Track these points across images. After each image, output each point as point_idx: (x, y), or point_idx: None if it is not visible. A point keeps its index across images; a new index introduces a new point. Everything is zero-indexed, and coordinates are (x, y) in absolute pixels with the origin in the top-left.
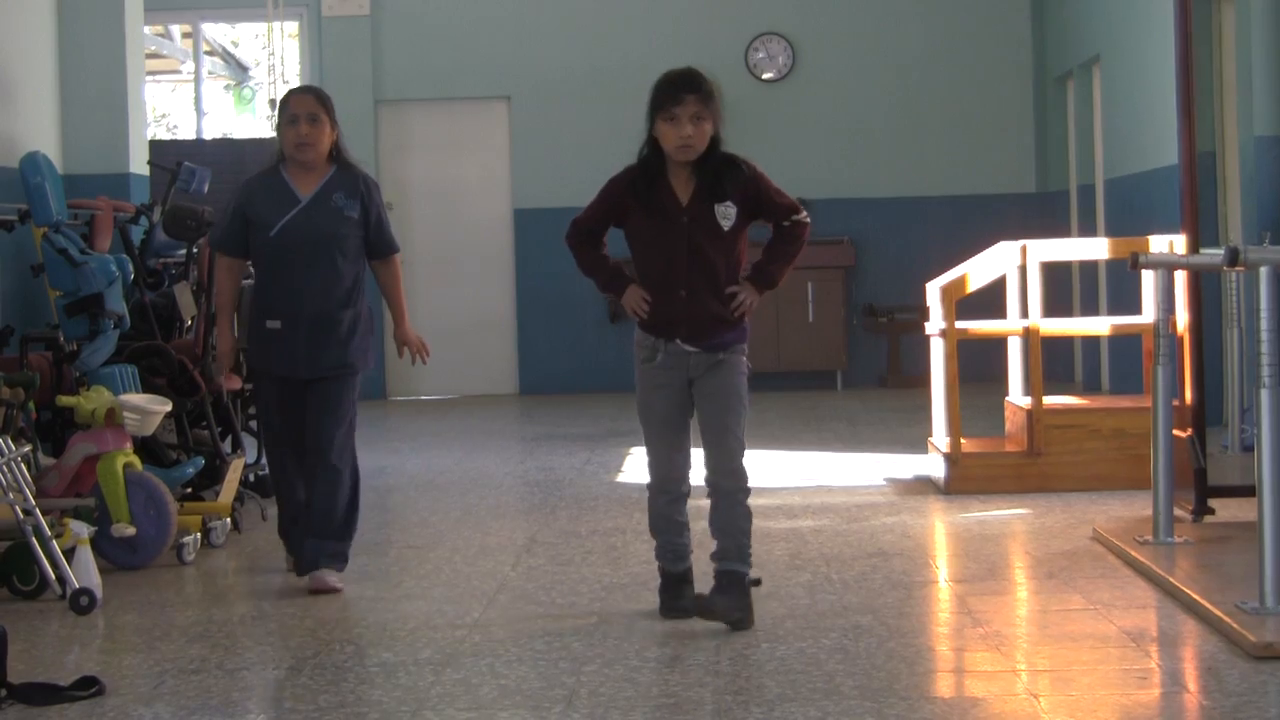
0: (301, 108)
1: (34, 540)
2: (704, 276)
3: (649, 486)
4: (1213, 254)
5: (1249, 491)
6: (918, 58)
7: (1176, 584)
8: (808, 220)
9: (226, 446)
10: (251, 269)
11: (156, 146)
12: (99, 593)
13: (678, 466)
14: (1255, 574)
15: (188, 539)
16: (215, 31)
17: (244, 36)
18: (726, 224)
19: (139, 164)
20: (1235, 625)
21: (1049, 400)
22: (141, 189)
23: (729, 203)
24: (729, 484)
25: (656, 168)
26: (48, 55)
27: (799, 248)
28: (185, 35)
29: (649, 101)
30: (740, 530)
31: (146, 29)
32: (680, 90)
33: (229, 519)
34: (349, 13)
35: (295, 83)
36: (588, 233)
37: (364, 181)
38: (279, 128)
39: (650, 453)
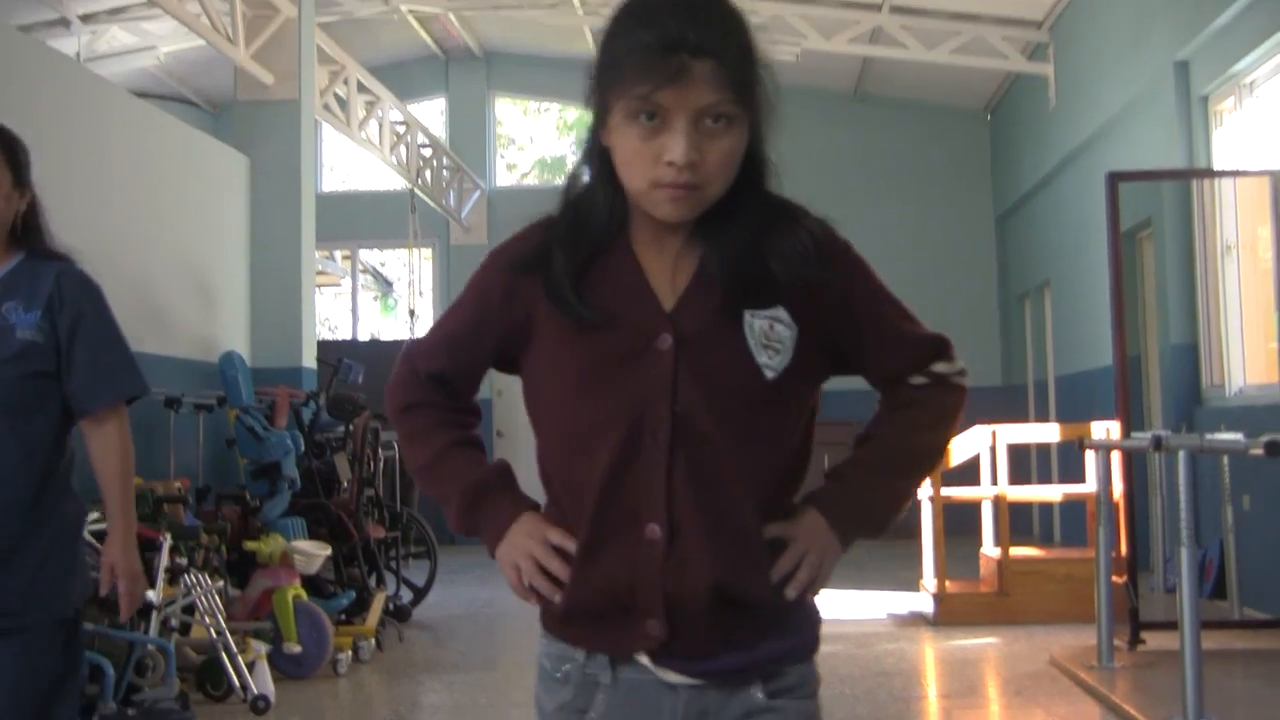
0: None
1: (223, 655)
2: (712, 492)
3: None
4: (1141, 438)
5: (1173, 626)
6: (906, 280)
7: (1117, 701)
8: (963, 380)
9: (372, 582)
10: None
11: (320, 345)
12: (272, 697)
13: None
14: (1179, 693)
15: (341, 655)
16: (367, 255)
17: (390, 259)
18: (773, 361)
19: (309, 359)
20: None
21: (1015, 551)
22: (310, 379)
23: (780, 309)
24: None
25: (605, 220)
26: (241, 275)
27: (943, 436)
28: (345, 257)
29: (596, 64)
30: None
31: (316, 253)
32: (675, 44)
33: (374, 640)
34: (471, 241)
35: (429, 294)
36: (431, 381)
37: (61, 279)
38: None
39: None
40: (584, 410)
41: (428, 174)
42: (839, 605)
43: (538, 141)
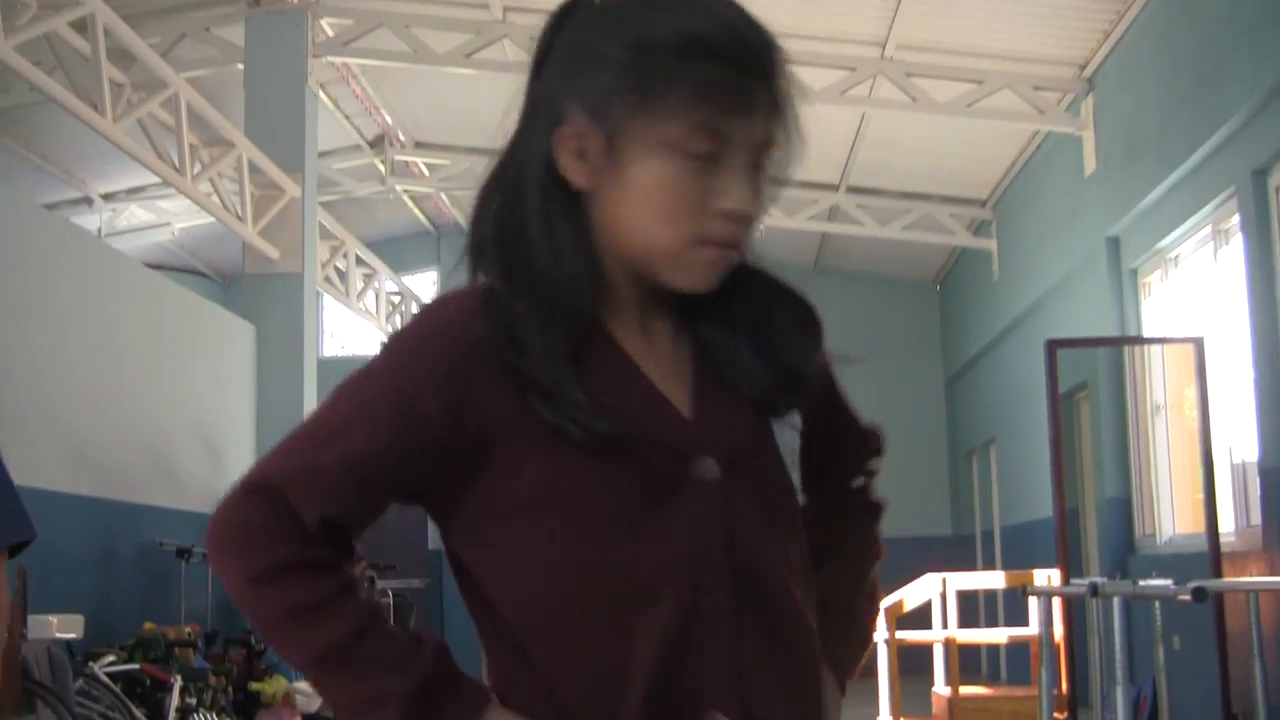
0: None
1: None
2: (791, 666)
3: None
4: (1079, 585)
5: None
6: None
7: None
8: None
9: None
10: None
11: None
12: None
13: None
14: None
15: None
16: None
17: None
18: (798, 481)
19: None
20: None
21: (964, 690)
22: None
23: (795, 413)
24: None
25: (583, 290)
26: (248, 434)
27: (870, 567)
28: None
29: (604, 64)
30: None
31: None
32: (748, 54)
33: None
34: None
35: None
36: (319, 529)
37: None
38: None
39: None
40: (602, 567)
41: None
42: None
43: None
